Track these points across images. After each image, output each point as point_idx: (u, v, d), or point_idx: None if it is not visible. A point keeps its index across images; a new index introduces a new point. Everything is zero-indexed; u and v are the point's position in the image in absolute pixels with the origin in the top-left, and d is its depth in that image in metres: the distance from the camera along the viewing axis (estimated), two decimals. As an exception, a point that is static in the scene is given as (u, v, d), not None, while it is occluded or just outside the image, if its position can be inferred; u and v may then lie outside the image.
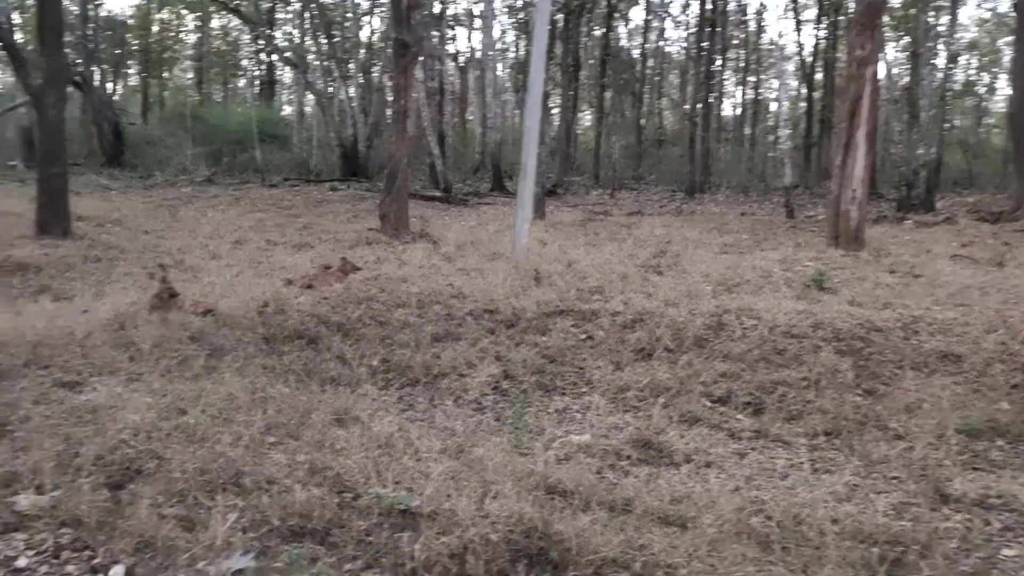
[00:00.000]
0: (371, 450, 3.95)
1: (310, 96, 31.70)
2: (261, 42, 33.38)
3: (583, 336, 6.90)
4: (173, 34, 47.39)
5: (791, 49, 32.68)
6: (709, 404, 5.40)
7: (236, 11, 24.10)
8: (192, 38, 46.96)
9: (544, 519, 3.12)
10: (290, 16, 34.32)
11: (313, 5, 25.19)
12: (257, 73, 43.95)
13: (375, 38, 29.71)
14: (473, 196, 21.43)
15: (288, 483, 3.50)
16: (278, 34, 33.99)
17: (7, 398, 4.60)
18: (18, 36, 31.25)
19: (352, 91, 25.68)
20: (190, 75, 50.71)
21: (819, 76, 33.16)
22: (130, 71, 46.44)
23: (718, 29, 25.80)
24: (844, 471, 4.24)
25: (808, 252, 10.93)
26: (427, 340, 6.60)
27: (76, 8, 29.82)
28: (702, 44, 23.04)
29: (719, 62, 30.61)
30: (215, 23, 44.86)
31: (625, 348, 6.50)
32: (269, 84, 42.05)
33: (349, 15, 26.60)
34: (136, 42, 43.16)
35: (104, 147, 29.27)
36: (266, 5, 34.19)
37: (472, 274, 8.98)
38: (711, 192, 23.77)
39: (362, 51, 26.85)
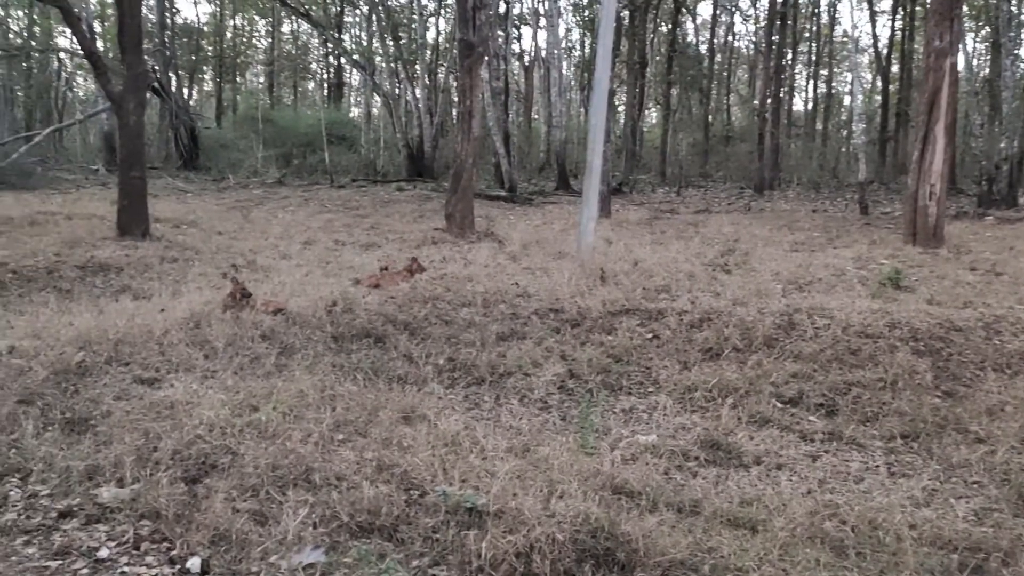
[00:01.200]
0: (438, 448, 3.98)
1: (377, 98, 32.13)
2: (330, 45, 33.98)
3: (649, 335, 6.83)
4: (246, 39, 48.62)
5: (866, 41, 31.89)
6: (780, 405, 5.30)
7: (306, 15, 24.53)
8: (264, 43, 48.13)
9: (611, 519, 3.10)
10: (358, 19, 34.95)
11: (380, 8, 25.50)
12: (326, 76, 44.81)
13: (441, 39, 29.97)
14: (538, 195, 21.43)
15: (356, 480, 3.55)
16: (346, 37, 34.64)
17: (90, 394, 4.77)
18: (99, 44, 32.49)
19: (418, 92, 25.93)
20: (261, 79, 51.98)
21: (895, 68, 32.27)
22: (205, 76, 47.83)
23: (789, 22, 25.25)
24: (922, 475, 4.11)
25: (884, 249, 10.63)
26: (492, 339, 6.62)
27: (154, 16, 30.80)
28: (772, 37, 22.53)
29: (789, 56, 30.01)
30: (285, 28, 45.97)
31: (692, 348, 6.42)
32: (337, 86, 42.79)
33: (415, 17, 26.86)
34: (210, 48, 44.39)
35: (180, 151, 30.15)
36: (335, 9, 34.84)
37: (537, 273, 8.97)
38: (781, 189, 23.29)
39: (428, 52, 27.08)
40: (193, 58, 40.76)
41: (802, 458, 4.44)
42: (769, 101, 22.76)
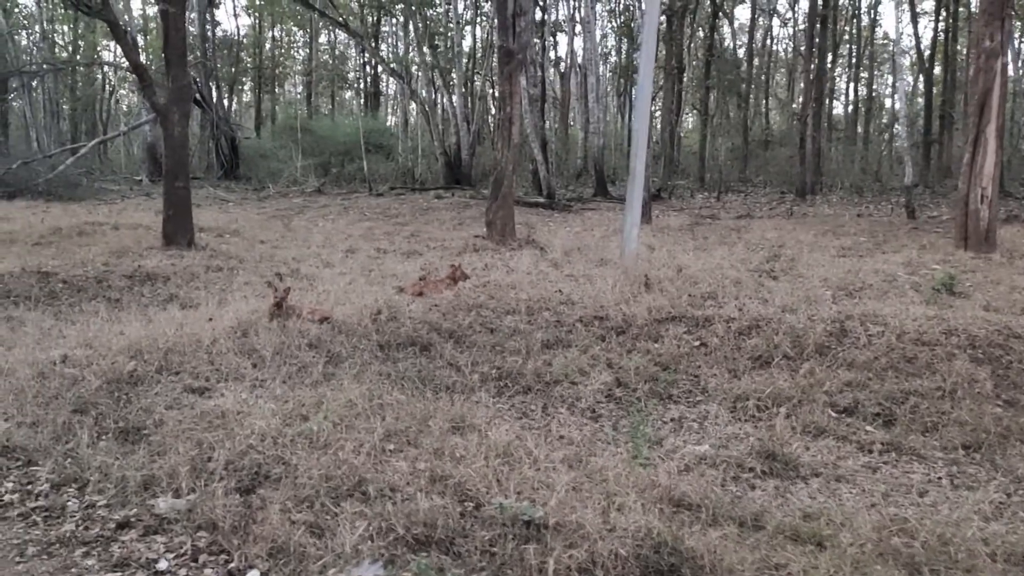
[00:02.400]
0: (490, 459, 3.93)
1: (414, 106, 32.28)
2: (367, 55, 34.22)
3: (696, 343, 6.72)
4: (284, 51, 49.24)
5: (907, 43, 31.38)
6: (835, 414, 5.18)
7: (344, 26, 24.73)
8: (302, 54, 48.70)
9: (674, 534, 3.02)
10: (394, 29, 35.21)
11: (417, 17, 25.65)
12: (362, 85, 45.19)
13: (477, 47, 30.06)
14: (576, 201, 21.35)
15: (411, 491, 3.51)
16: (383, 46, 34.87)
17: (143, 403, 4.80)
18: (142, 57, 33.07)
19: (455, 100, 26.02)
20: (299, 89, 52.58)
21: (938, 70, 31.73)
22: (244, 88, 48.52)
23: (830, 25, 24.91)
24: (988, 488, 3.97)
25: (934, 254, 10.40)
26: (538, 347, 6.56)
27: (195, 29, 31.30)
28: (814, 40, 22.23)
29: (830, 59, 29.62)
30: (323, 38, 46.48)
31: (741, 355, 6.31)
32: (374, 95, 43.13)
33: (452, 25, 26.95)
34: (249, 60, 45.02)
35: (221, 161, 30.59)
36: (371, 19, 35.13)
37: (580, 280, 8.91)
38: (823, 193, 22.94)
39: (464, 60, 27.17)
40: (232, 70, 41.38)
41: (861, 470, 4.32)
42: (812, 104, 22.40)
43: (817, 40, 23.15)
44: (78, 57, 37.56)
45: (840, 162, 30.31)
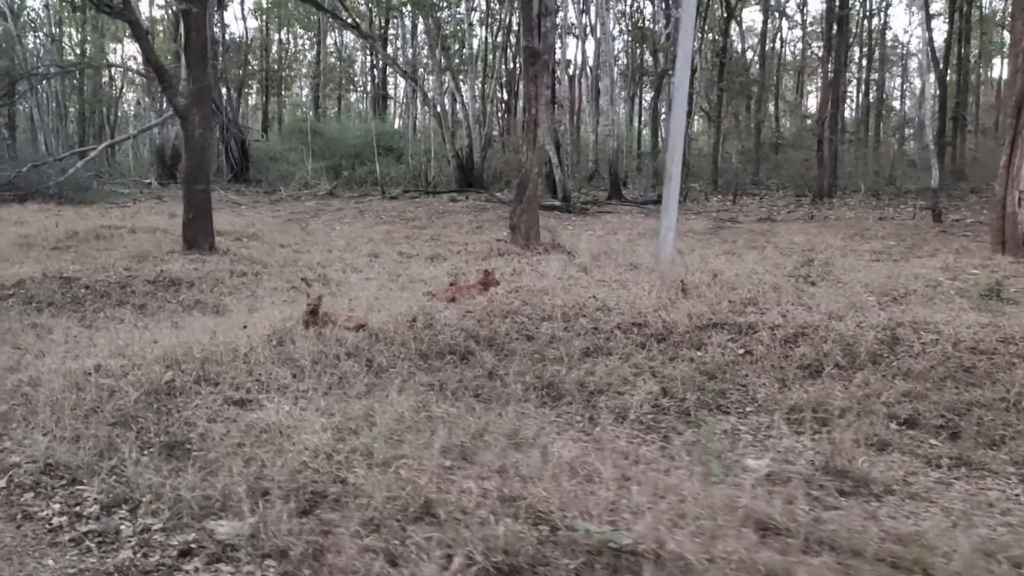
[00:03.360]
0: (558, 477, 3.74)
1: (424, 108, 32.09)
2: (376, 57, 34.08)
3: (741, 351, 6.52)
4: (291, 53, 49.14)
5: (916, 45, 31.11)
6: (895, 427, 4.97)
7: (355, 27, 24.55)
8: (308, 56, 48.60)
9: (786, 568, 2.81)
10: (400, 31, 35.03)
11: (430, 19, 25.50)
12: (370, 87, 45.05)
13: (487, 49, 29.88)
14: (592, 204, 21.16)
15: (483, 514, 3.31)
16: (389, 49, 34.69)
17: (183, 415, 4.61)
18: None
19: (467, 102, 25.85)
20: (305, 92, 52.49)
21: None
22: (251, 90, 48.39)
23: (847, 27, 24.68)
24: (1073, 506, 3.78)
25: (971, 259, 10.18)
26: (577, 355, 6.37)
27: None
28: (832, 41, 22.02)
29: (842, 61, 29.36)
30: (329, 41, 46.31)
31: (789, 364, 6.12)
32: (382, 98, 42.98)
33: (463, 27, 26.79)
34: (256, 62, 44.91)
35: (231, 164, 30.45)
36: (378, 21, 34.98)
37: (613, 286, 8.71)
38: (840, 196, 22.69)
39: (476, 63, 27.01)
40: (239, 72, 41.27)
41: (935, 486, 4.12)
42: (830, 105, 22.19)
43: (834, 42, 22.94)
44: (85, 58, 37.41)
45: (852, 164, 30.10)
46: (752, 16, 51.72)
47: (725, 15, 28.39)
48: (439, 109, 25.75)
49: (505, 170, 27.95)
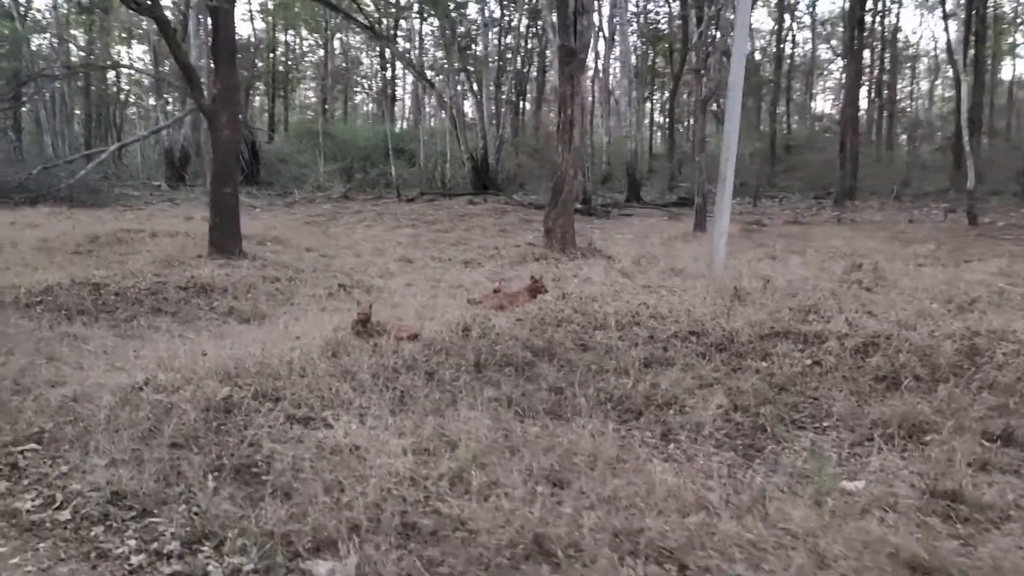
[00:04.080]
0: (667, 506, 3.43)
1: (436, 110, 31.79)
2: (385, 58, 33.78)
3: (809, 361, 6.20)
4: (297, 55, 48.92)
5: (927, 45, 30.78)
6: (988, 444, 4.65)
7: (371, 28, 24.23)
8: (316, 57, 48.34)
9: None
10: (411, 34, 34.76)
11: (446, 20, 25.20)
12: (382, 89, 44.76)
13: (502, 50, 29.60)
14: (612, 207, 20.84)
15: (603, 552, 3.00)
16: (404, 44, 34.39)
17: (246, 434, 4.30)
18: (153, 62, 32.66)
19: (483, 104, 25.55)
20: (310, 94, 52.25)
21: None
22: (257, 92, 48.12)
23: (872, 27, 24.35)
24: None
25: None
26: (637, 366, 6.05)
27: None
28: (854, 41, 21.72)
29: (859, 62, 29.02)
30: (336, 42, 46.07)
31: (863, 376, 5.80)
32: (391, 99, 42.70)
33: (480, 28, 26.49)
34: (261, 64, 44.65)
35: (241, 166, 30.08)
36: (386, 22, 34.65)
37: (663, 292, 8.41)
38: (863, 198, 22.35)
39: (492, 64, 26.72)
40: (245, 73, 40.98)
41: (1051, 511, 3.81)
42: (850, 108, 21.86)
43: (855, 42, 22.64)
44: (92, 58, 37.12)
45: (869, 167, 29.77)
46: (757, 17, 51.33)
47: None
48: (454, 111, 25.44)
49: (519, 172, 27.68)
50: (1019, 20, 36.46)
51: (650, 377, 5.76)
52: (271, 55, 45.64)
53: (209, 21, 22.99)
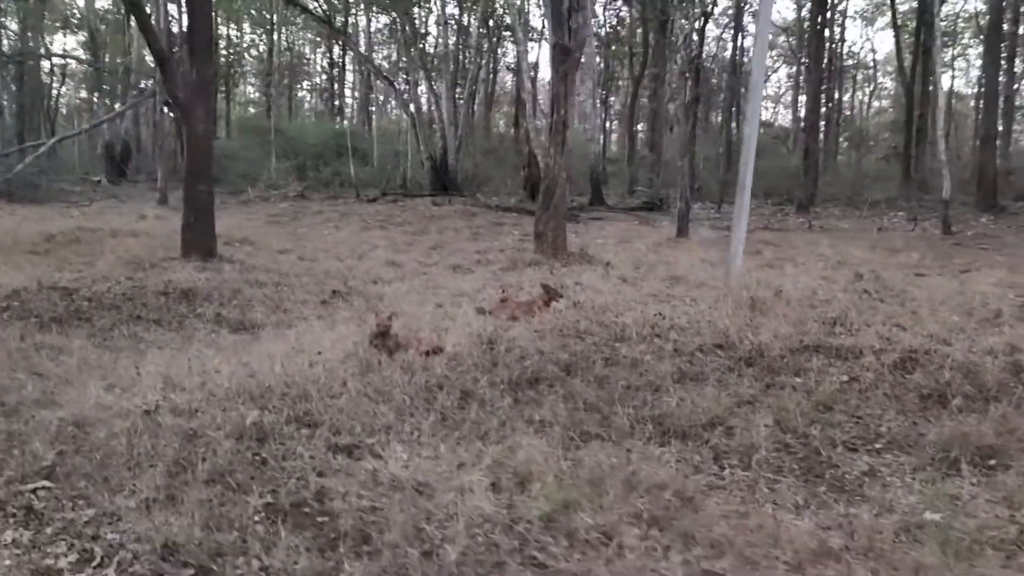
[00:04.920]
0: (790, 554, 3.08)
1: (388, 108, 31.10)
2: (339, 54, 32.92)
3: (846, 377, 5.92)
4: (240, 49, 47.62)
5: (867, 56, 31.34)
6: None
7: (328, 23, 23.49)
8: (260, 51, 47.11)
9: None
10: (358, 29, 34.00)
11: (405, 18, 24.61)
12: (322, 86, 43.81)
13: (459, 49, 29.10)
14: (578, 210, 20.52)
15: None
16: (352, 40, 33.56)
17: (286, 467, 3.80)
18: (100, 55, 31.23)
19: (444, 103, 25.03)
20: (251, 89, 50.93)
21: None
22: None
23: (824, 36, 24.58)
24: None
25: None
26: (668, 382, 5.71)
27: (161, 24, 29.62)
28: (819, 48, 21.86)
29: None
30: (280, 36, 44.90)
31: (907, 394, 5.54)
32: (338, 97, 41.83)
33: (439, 27, 25.99)
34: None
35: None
36: (342, 18, 33.84)
37: (673, 301, 8.08)
38: (821, 206, 22.44)
39: (451, 63, 26.21)
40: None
41: None
42: (812, 115, 22.00)
43: (817, 51, 22.82)
44: (28, 46, 35.40)
45: (821, 175, 30.10)
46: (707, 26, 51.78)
47: (702, 19, 28.05)
48: (413, 110, 24.84)
49: (476, 173, 27.22)
50: (958, 32, 37.49)
51: (684, 393, 5.43)
52: (213, 48, 44.23)
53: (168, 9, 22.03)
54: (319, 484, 3.65)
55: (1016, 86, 32.45)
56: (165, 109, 23.76)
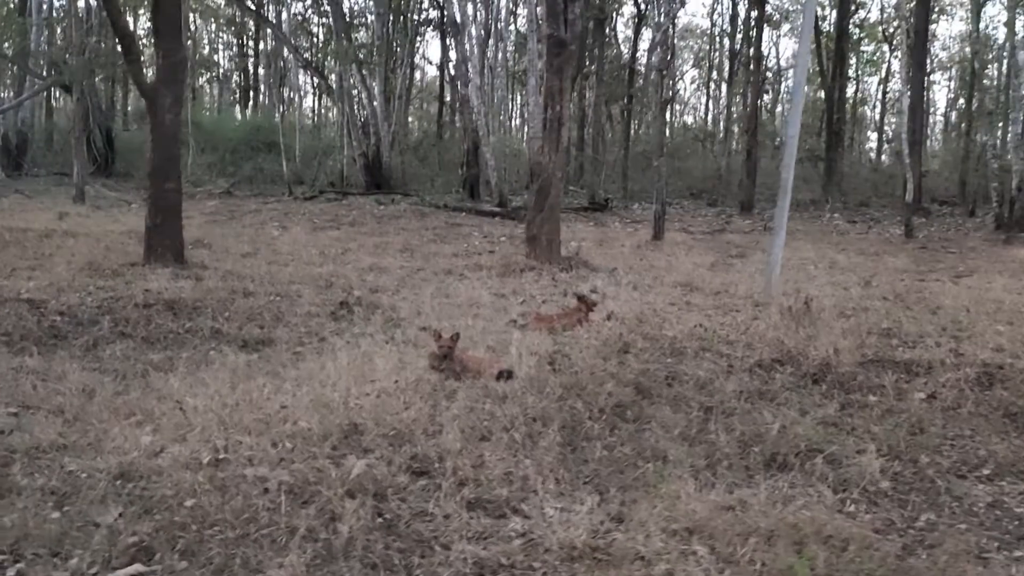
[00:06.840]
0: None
1: (308, 102, 29.77)
2: (245, 42, 31.34)
3: (923, 395, 5.58)
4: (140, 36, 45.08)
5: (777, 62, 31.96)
6: None
7: (256, 12, 22.15)
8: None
9: None
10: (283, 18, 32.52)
11: (332, 6, 23.48)
12: (228, 75, 41.89)
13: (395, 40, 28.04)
14: (524, 210, 19.96)
15: None
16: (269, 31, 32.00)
17: (421, 529, 3.10)
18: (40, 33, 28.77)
19: (378, 97, 24.03)
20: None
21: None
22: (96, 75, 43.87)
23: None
24: None
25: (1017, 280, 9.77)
26: (739, 403, 5.25)
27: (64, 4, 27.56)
28: (761, 47, 21.99)
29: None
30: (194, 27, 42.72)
31: (992, 412, 5.23)
32: (253, 89, 40.05)
33: (367, 17, 24.96)
34: (95, 39, 40.64)
35: (94, 155, 27.00)
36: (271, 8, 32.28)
37: (706, 311, 7.64)
38: (758, 207, 22.50)
39: (383, 56, 25.19)
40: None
41: None
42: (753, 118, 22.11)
43: (755, 51, 22.97)
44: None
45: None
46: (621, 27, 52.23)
47: (636, 19, 28.00)
48: (345, 104, 23.72)
49: (406, 171, 26.28)
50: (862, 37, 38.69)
51: (767, 415, 4.95)
52: (107, 32, 41.55)
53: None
54: (473, 555, 2.96)
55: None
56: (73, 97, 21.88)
